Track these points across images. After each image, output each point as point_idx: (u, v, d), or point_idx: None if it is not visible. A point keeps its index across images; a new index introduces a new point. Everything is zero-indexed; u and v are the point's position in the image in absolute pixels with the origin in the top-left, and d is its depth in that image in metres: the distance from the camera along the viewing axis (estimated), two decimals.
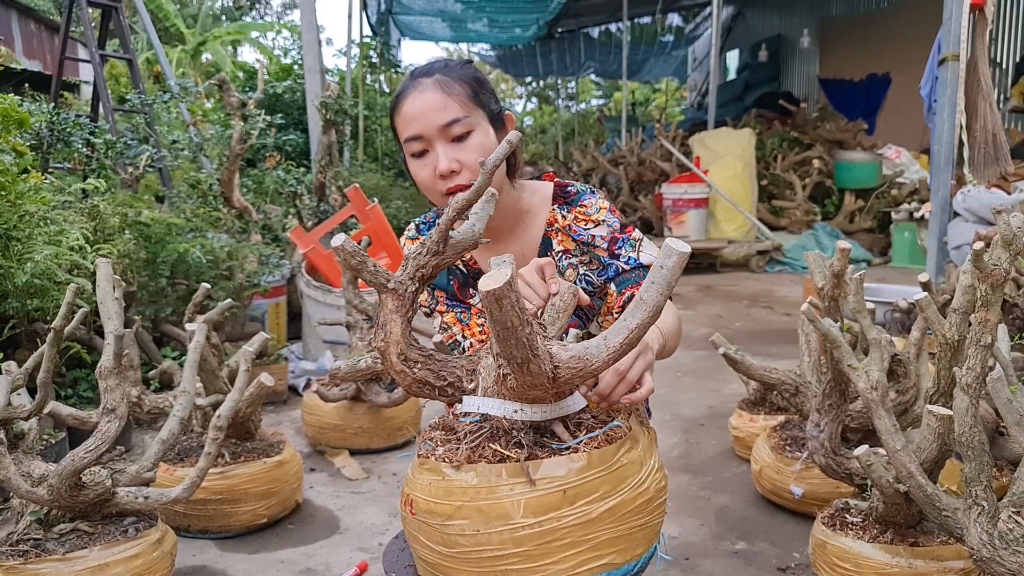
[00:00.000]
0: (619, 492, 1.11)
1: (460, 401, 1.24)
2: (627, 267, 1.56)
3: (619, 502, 1.10)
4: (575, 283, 1.59)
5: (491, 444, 1.15)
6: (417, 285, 1.19)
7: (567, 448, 1.13)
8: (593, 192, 1.62)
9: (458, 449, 1.16)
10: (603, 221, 1.58)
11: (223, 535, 2.45)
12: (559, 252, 1.60)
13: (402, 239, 1.72)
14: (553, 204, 1.61)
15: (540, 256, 1.60)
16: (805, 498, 2.45)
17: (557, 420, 1.17)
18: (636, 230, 1.60)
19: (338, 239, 1.10)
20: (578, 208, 1.60)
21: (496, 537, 1.08)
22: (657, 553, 1.22)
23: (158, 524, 1.95)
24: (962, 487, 1.47)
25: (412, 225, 1.71)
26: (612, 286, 1.57)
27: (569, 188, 1.62)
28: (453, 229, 1.19)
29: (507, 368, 1.08)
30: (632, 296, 1.53)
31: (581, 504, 1.08)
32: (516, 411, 1.15)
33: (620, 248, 1.57)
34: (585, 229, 1.58)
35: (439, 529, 1.11)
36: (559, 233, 1.60)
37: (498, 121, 1.53)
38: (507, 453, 1.12)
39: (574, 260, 1.60)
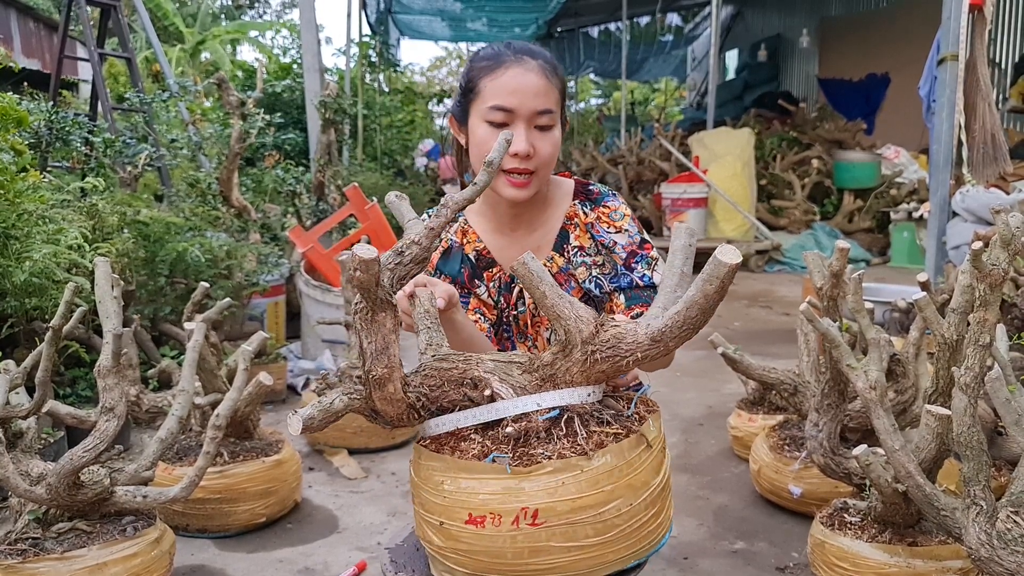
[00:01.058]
0: (665, 470, 1.22)
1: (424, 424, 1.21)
2: (641, 283, 1.56)
3: (668, 458, 1.24)
4: (585, 282, 1.60)
5: (583, 429, 1.14)
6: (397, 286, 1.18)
7: (630, 415, 1.20)
8: (615, 196, 1.64)
9: (570, 441, 1.13)
10: (626, 230, 1.59)
11: (222, 534, 2.45)
12: (575, 247, 1.61)
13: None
14: (574, 199, 1.62)
15: (556, 248, 1.61)
16: (804, 498, 2.45)
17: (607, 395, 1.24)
18: (653, 248, 1.62)
19: (366, 250, 1.01)
20: (602, 208, 1.61)
21: (643, 505, 1.15)
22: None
23: (156, 523, 1.95)
24: (960, 487, 1.47)
25: (425, 216, 1.71)
26: (621, 297, 1.57)
27: (591, 187, 1.64)
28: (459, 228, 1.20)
29: (670, 340, 1.13)
30: (640, 315, 1.52)
31: (665, 458, 1.22)
32: (590, 393, 1.18)
33: (637, 263, 1.58)
34: (608, 232, 1.59)
35: (590, 522, 1.09)
36: (578, 228, 1.61)
37: (564, 123, 1.57)
38: (611, 431, 1.16)
39: (587, 259, 1.61)
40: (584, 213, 1.61)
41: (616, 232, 1.59)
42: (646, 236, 1.62)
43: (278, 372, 3.91)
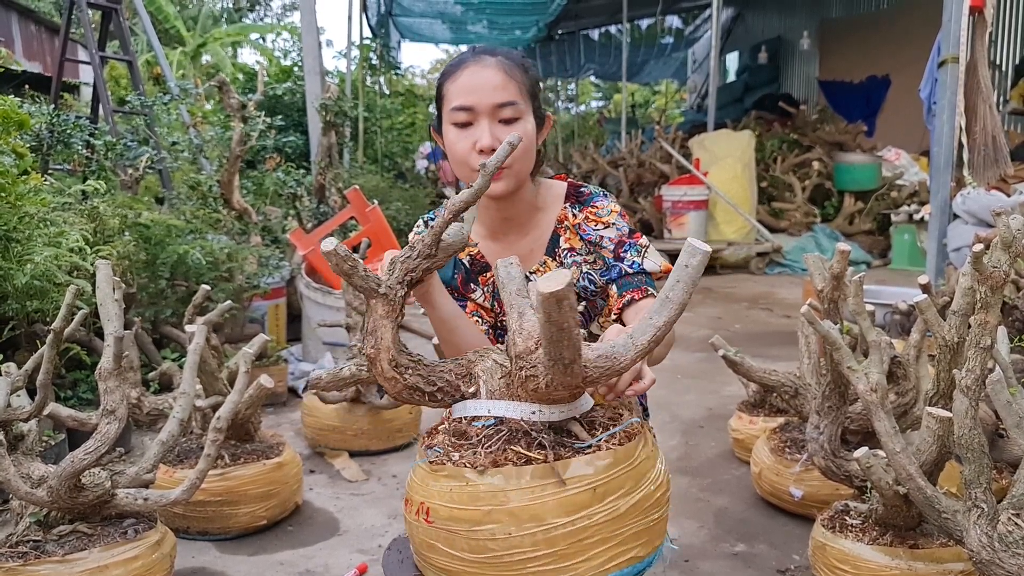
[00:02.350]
0: (641, 487, 1.14)
1: (451, 406, 1.25)
2: (630, 271, 1.57)
3: (642, 496, 1.13)
4: (578, 281, 1.60)
5: (512, 447, 1.15)
6: (405, 289, 1.19)
7: (589, 447, 1.14)
8: (606, 196, 1.64)
9: (476, 453, 1.15)
10: (612, 224, 1.60)
11: (222, 537, 2.45)
12: (565, 249, 1.62)
13: (411, 235, 1.73)
14: (565, 202, 1.63)
15: (549, 252, 1.62)
16: (805, 500, 2.45)
17: (573, 419, 1.19)
18: (643, 237, 1.62)
19: (328, 243, 1.09)
20: (589, 208, 1.62)
21: (529, 539, 1.09)
22: (666, 541, 1.25)
23: (157, 526, 1.95)
24: (962, 489, 1.47)
25: (420, 221, 1.72)
26: (613, 288, 1.58)
27: (582, 189, 1.65)
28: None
29: (546, 369, 1.07)
30: (631, 300, 1.54)
31: (610, 500, 1.11)
32: (534, 412, 1.16)
33: (626, 252, 1.58)
34: (594, 229, 1.60)
35: (465, 535, 1.11)
36: (568, 231, 1.62)
37: (540, 119, 1.57)
38: (531, 455, 1.13)
39: (578, 258, 1.61)
40: (573, 215, 1.62)
41: (603, 228, 1.60)
42: (634, 227, 1.63)
43: (279, 374, 3.91)
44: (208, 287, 2.92)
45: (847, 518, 1.88)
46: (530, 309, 1.18)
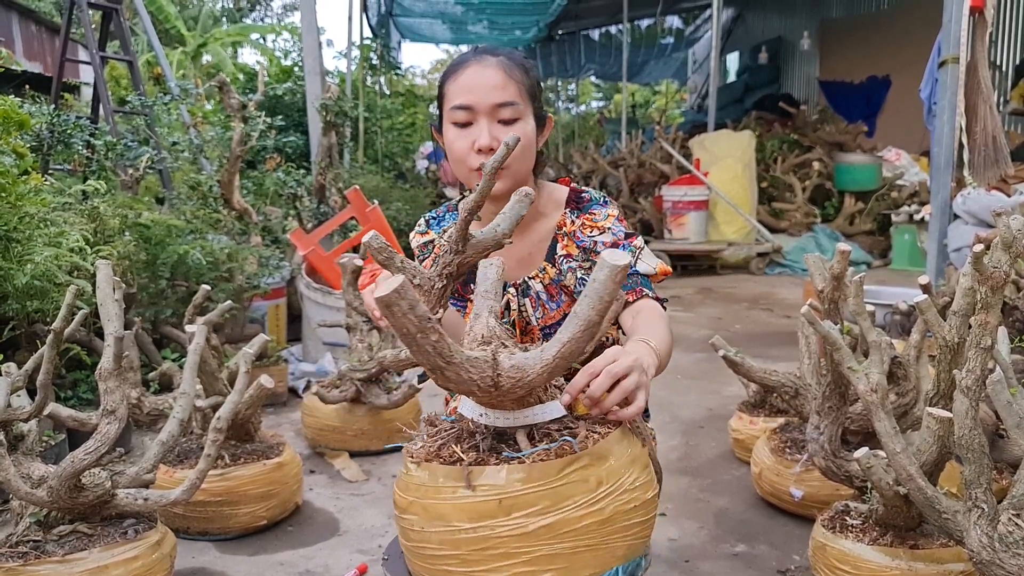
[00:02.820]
0: (562, 509, 1.07)
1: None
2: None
3: (560, 520, 1.07)
4: (574, 287, 1.59)
5: (453, 445, 1.16)
6: (445, 282, 1.20)
7: (515, 458, 1.11)
8: (607, 203, 1.62)
9: (424, 446, 1.19)
10: (608, 228, 1.58)
11: (222, 537, 2.45)
12: (562, 256, 1.60)
13: (411, 234, 1.73)
14: (565, 208, 1.62)
15: (548, 258, 1.61)
16: (805, 500, 2.45)
17: (521, 428, 1.15)
18: (639, 239, 1.60)
19: (369, 236, 1.14)
20: (587, 215, 1.60)
21: (436, 537, 1.11)
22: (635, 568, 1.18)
23: (157, 526, 1.95)
24: (962, 490, 1.46)
25: (422, 220, 1.72)
26: None
27: (583, 195, 1.63)
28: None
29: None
30: (627, 302, 1.53)
31: (517, 516, 1.07)
32: (481, 415, 1.16)
33: None
34: (589, 236, 1.59)
35: (400, 520, 1.19)
36: (565, 237, 1.61)
37: (540, 120, 1.56)
38: (461, 455, 1.13)
39: (574, 264, 1.60)
40: (571, 221, 1.61)
41: (599, 233, 1.58)
42: (631, 231, 1.61)
43: (279, 375, 3.91)
44: (208, 287, 2.92)
45: (847, 518, 1.88)
46: (487, 312, 1.18)
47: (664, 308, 1.57)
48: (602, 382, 1.13)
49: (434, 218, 1.71)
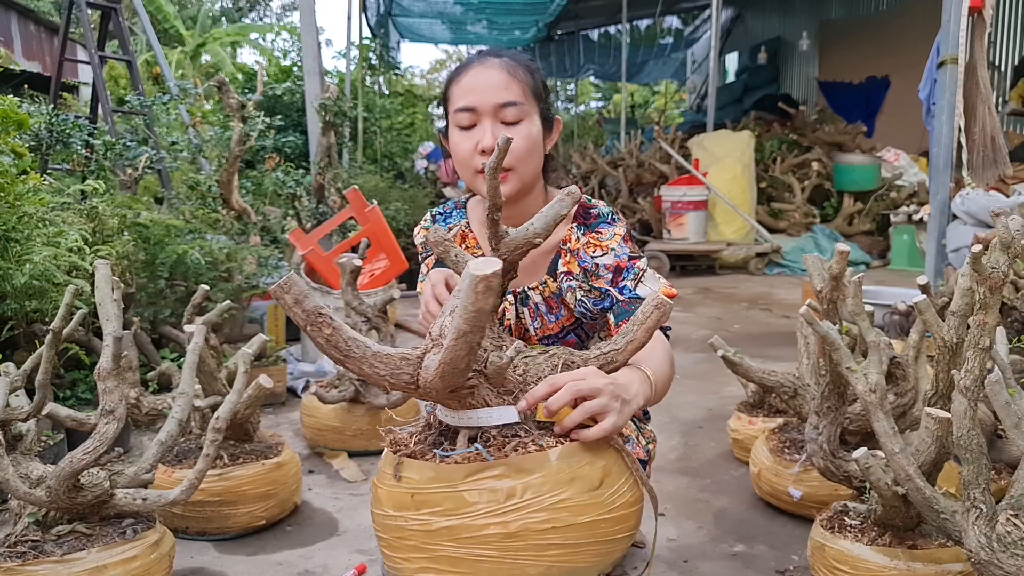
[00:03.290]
0: (464, 514, 1.08)
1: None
2: (622, 297, 1.51)
3: (460, 524, 1.08)
4: (574, 307, 1.56)
5: (414, 435, 1.25)
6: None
7: (444, 456, 1.15)
8: (615, 220, 1.59)
9: (403, 431, 1.29)
10: (612, 250, 1.54)
11: (221, 537, 2.45)
12: (563, 272, 1.57)
13: (416, 228, 1.72)
14: (572, 222, 1.58)
15: (550, 271, 1.58)
16: (803, 500, 2.45)
17: (466, 429, 1.17)
18: (642, 260, 1.56)
19: (431, 233, 1.20)
20: (593, 233, 1.56)
21: (375, 517, 1.22)
22: None
23: (156, 526, 1.95)
24: (960, 490, 1.47)
25: (428, 215, 1.70)
26: (611, 316, 1.54)
27: (592, 210, 1.59)
28: (500, 230, 1.20)
29: None
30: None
31: (424, 512, 1.11)
32: (438, 410, 1.21)
33: (624, 278, 1.53)
34: (592, 257, 1.54)
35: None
36: (569, 254, 1.57)
37: (547, 122, 1.54)
38: (406, 445, 1.21)
39: (574, 283, 1.57)
40: (576, 239, 1.57)
41: (602, 254, 1.54)
42: (634, 253, 1.57)
43: (278, 375, 3.91)
44: (207, 287, 2.92)
45: (846, 519, 1.88)
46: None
47: (667, 336, 1.53)
48: (561, 396, 1.12)
49: (441, 214, 1.69)
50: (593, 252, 1.55)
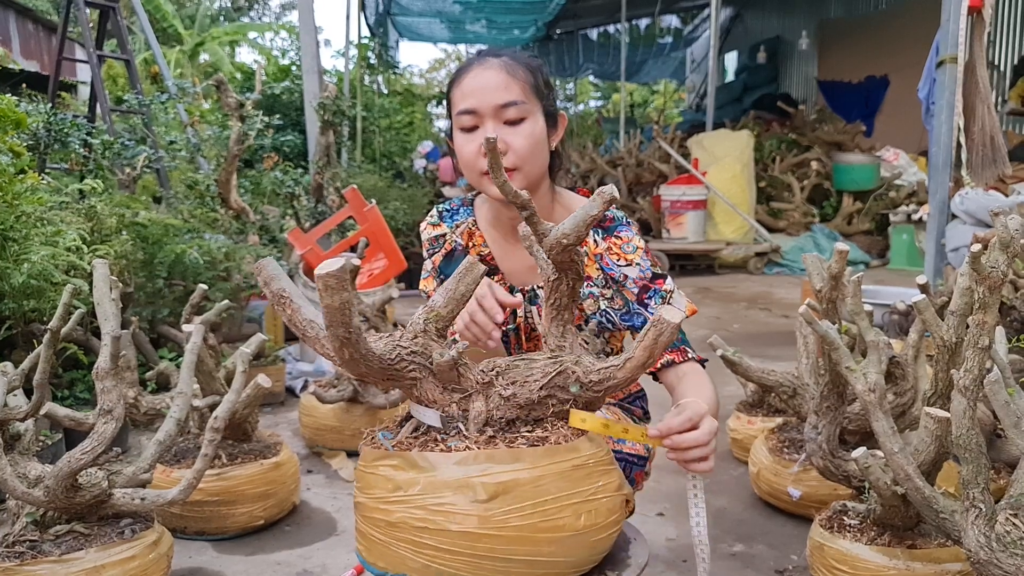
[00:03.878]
0: (366, 495, 1.19)
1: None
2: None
3: (362, 503, 1.20)
4: (595, 314, 1.55)
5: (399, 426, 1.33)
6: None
7: (381, 438, 1.26)
8: (628, 224, 1.59)
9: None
10: (637, 263, 1.54)
11: (220, 537, 2.45)
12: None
13: (423, 224, 1.71)
14: None
15: None
16: (803, 500, 2.45)
17: (414, 417, 1.26)
18: (668, 281, 1.56)
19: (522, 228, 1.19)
20: (613, 239, 1.56)
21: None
22: None
23: (154, 526, 1.94)
24: (959, 489, 1.46)
25: (435, 211, 1.69)
26: (630, 333, 1.55)
27: (607, 213, 1.57)
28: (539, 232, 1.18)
29: None
30: (671, 362, 1.51)
31: (357, 487, 1.23)
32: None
33: (650, 299, 1.54)
34: (618, 265, 1.54)
35: None
36: (586, 257, 1.56)
37: (552, 118, 1.53)
38: (381, 429, 1.30)
39: (595, 290, 1.56)
40: (595, 242, 1.56)
41: (627, 265, 1.54)
42: (658, 271, 1.57)
43: (276, 374, 3.91)
44: (205, 286, 2.91)
45: (845, 518, 1.88)
46: (434, 302, 1.22)
47: (703, 366, 1.55)
48: (698, 437, 1.20)
49: (447, 211, 1.68)
50: (618, 260, 1.55)
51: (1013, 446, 1.50)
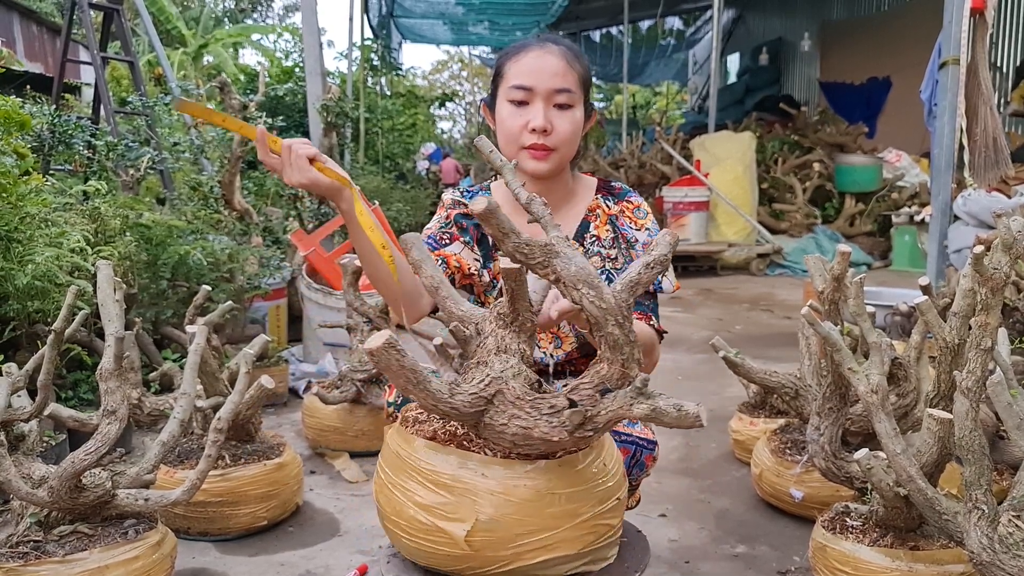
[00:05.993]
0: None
1: None
2: (651, 289, 1.62)
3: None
4: (599, 271, 1.65)
5: None
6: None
7: None
8: (636, 192, 1.73)
9: None
10: (647, 228, 1.67)
11: (223, 537, 2.45)
12: (592, 236, 1.67)
13: (446, 193, 1.78)
14: (596, 194, 1.71)
15: (577, 237, 1.69)
16: (805, 501, 2.45)
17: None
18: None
19: (480, 202, 1.11)
20: (625, 203, 1.69)
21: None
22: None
23: (158, 526, 1.95)
24: (962, 491, 1.47)
25: (457, 191, 1.77)
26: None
27: (613, 184, 1.74)
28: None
29: None
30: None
31: None
32: None
33: None
34: (631, 228, 1.66)
35: None
36: (599, 218, 1.69)
37: (588, 112, 1.65)
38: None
39: (602, 250, 1.66)
40: (608, 206, 1.68)
41: (639, 230, 1.66)
42: None
43: (280, 375, 3.91)
44: (209, 288, 2.92)
45: (847, 519, 1.88)
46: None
47: (660, 339, 1.64)
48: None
49: (467, 191, 1.77)
50: (631, 224, 1.67)
51: (1016, 447, 1.50)
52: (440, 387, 1.13)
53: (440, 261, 1.65)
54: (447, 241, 1.69)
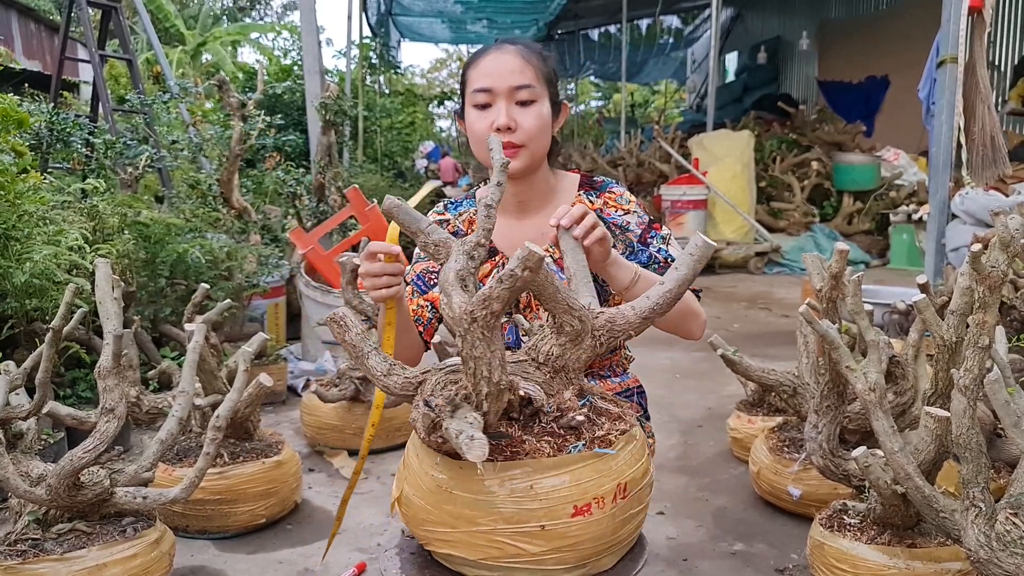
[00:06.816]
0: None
1: None
2: (661, 257, 1.64)
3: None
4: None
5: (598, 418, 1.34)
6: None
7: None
8: (618, 183, 1.73)
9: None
10: (634, 211, 1.68)
11: (221, 535, 2.45)
12: None
13: (430, 213, 1.78)
14: (579, 191, 1.72)
15: None
16: (803, 499, 2.45)
17: None
18: (663, 227, 1.70)
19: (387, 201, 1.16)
20: (607, 194, 1.69)
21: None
22: None
23: (156, 524, 1.95)
24: (959, 489, 1.47)
25: (441, 204, 1.80)
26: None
27: (595, 178, 1.74)
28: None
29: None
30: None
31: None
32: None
33: (652, 239, 1.66)
34: (618, 215, 1.67)
35: (643, 491, 1.32)
36: None
37: (556, 106, 1.65)
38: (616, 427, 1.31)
39: None
40: (590, 201, 1.68)
41: (626, 214, 1.67)
42: (652, 217, 1.70)
43: (278, 373, 3.91)
44: (207, 286, 2.92)
45: (845, 517, 1.89)
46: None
47: (699, 297, 1.69)
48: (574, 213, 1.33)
49: (452, 203, 1.78)
50: (616, 211, 1.67)
51: (1013, 445, 1.51)
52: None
53: (428, 306, 1.66)
54: (434, 281, 1.68)
